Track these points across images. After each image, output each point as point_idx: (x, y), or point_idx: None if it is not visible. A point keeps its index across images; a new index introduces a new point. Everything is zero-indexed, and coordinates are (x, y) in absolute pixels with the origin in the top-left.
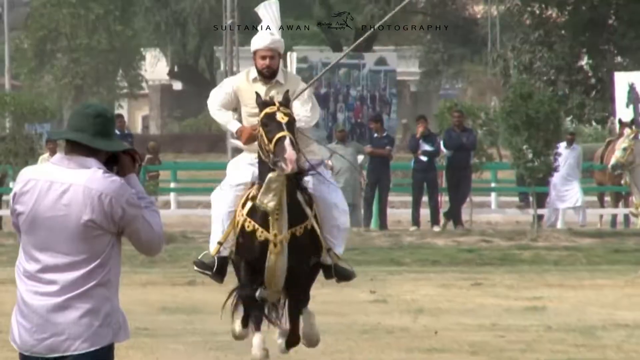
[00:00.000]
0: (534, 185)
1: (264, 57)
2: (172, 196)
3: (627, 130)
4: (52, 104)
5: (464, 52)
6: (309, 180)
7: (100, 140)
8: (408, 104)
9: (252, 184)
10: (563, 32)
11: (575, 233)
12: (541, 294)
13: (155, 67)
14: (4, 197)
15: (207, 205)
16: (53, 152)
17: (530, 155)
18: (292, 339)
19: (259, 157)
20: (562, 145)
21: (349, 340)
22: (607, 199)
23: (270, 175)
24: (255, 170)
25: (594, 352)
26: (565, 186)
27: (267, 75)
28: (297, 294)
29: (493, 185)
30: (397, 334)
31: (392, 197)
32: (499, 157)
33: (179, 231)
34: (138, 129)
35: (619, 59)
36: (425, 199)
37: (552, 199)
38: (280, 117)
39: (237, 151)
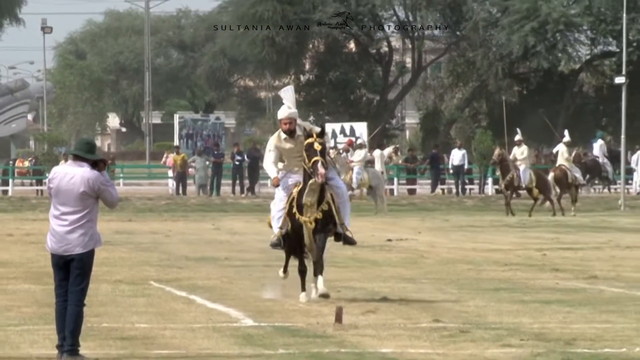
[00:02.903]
0: None
1: (285, 123)
2: (120, 180)
3: (332, 151)
4: (66, 138)
5: (256, 114)
6: (333, 180)
7: (89, 154)
8: (230, 138)
9: (295, 185)
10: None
11: None
12: None
13: (113, 121)
14: (44, 181)
15: (136, 184)
16: (66, 160)
17: None
18: (317, 267)
19: (304, 169)
20: None
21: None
22: None
23: (310, 182)
24: (294, 180)
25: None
26: None
27: (289, 134)
28: (321, 246)
29: None
30: (201, 235)
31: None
32: None
33: (124, 197)
34: (105, 149)
35: (327, 118)
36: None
37: None
38: (316, 146)
39: (153, 159)
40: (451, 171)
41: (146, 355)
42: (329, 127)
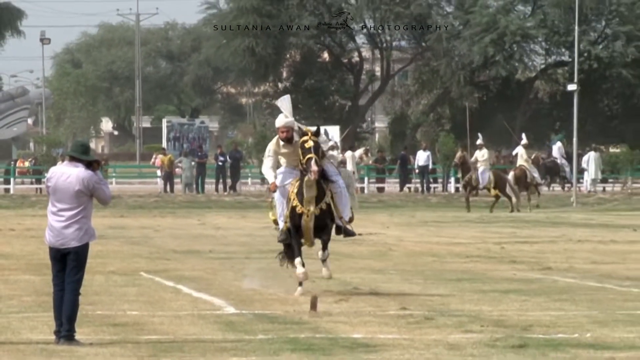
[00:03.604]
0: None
1: (282, 132)
2: (113, 179)
3: None
4: (63, 140)
5: (238, 118)
6: (330, 174)
7: (84, 155)
8: (214, 141)
9: (297, 180)
10: None
11: None
12: None
13: (106, 124)
14: (43, 180)
15: (127, 183)
16: (63, 161)
17: None
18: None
19: (300, 166)
20: None
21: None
22: None
23: (305, 179)
24: (294, 174)
25: None
26: None
27: (286, 141)
28: (324, 239)
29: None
30: (187, 230)
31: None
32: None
33: (116, 195)
34: (99, 151)
35: (302, 122)
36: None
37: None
38: (309, 144)
39: (143, 160)
40: (417, 171)
41: (137, 340)
42: None
